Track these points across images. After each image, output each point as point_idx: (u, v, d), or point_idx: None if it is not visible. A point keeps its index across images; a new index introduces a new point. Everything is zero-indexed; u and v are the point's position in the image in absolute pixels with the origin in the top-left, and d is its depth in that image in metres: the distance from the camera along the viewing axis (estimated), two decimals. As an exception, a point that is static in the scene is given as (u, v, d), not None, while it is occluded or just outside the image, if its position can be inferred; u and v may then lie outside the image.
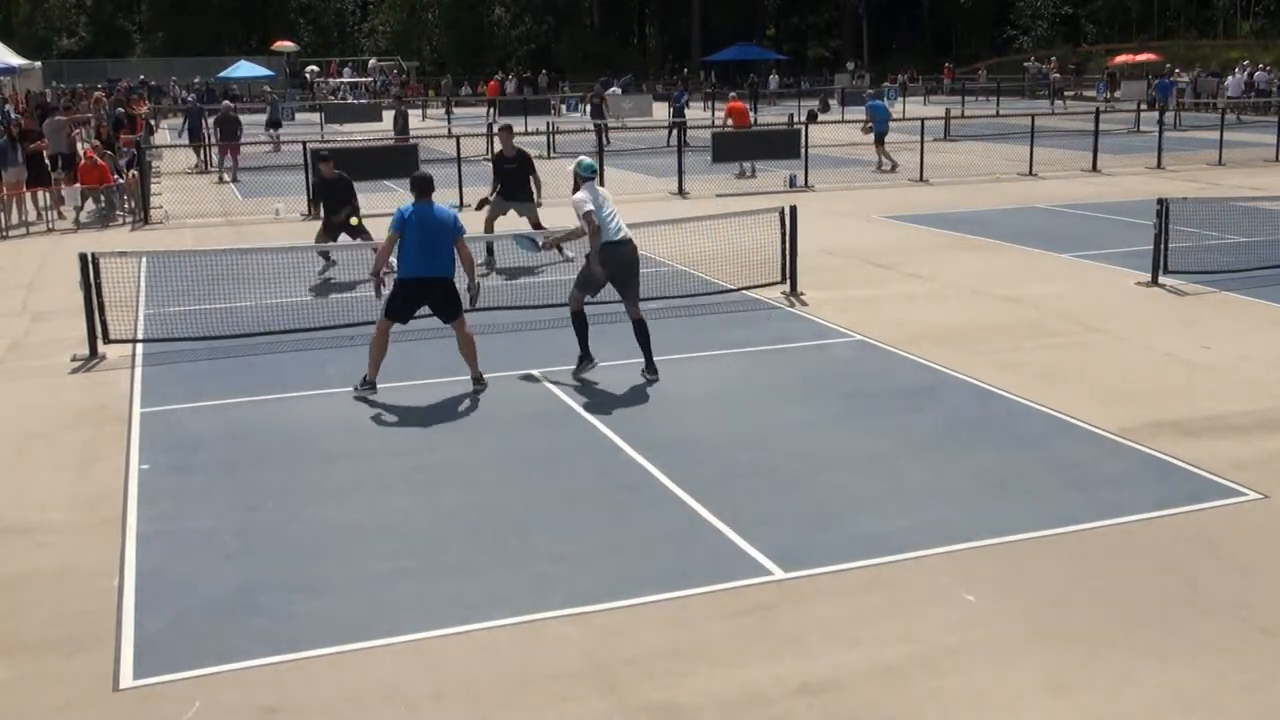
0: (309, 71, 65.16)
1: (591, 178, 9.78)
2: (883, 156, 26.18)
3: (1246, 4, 63.56)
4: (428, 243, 9.39)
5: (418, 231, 9.40)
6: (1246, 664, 5.38)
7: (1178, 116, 36.53)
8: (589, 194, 9.62)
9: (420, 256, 9.41)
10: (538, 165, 15.65)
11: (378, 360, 9.57)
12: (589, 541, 6.79)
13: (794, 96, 51.58)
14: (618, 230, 9.73)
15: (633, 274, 9.90)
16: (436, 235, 9.42)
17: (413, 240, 9.41)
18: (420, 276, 9.44)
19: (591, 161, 10.01)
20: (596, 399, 9.45)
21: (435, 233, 9.42)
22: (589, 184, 9.71)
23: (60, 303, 13.14)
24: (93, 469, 8.13)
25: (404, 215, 9.46)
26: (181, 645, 5.64)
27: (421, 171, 9.94)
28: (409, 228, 9.41)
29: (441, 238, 9.43)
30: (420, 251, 9.40)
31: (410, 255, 9.44)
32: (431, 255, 9.41)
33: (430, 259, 9.42)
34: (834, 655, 5.50)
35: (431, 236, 9.40)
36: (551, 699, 5.18)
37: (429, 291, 9.53)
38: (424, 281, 9.45)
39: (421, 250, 9.39)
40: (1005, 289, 13.41)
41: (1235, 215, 17.17)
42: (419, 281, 9.46)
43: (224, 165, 27.19)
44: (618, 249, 9.71)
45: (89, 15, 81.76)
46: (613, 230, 9.69)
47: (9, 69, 37.68)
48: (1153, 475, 7.67)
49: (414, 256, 9.42)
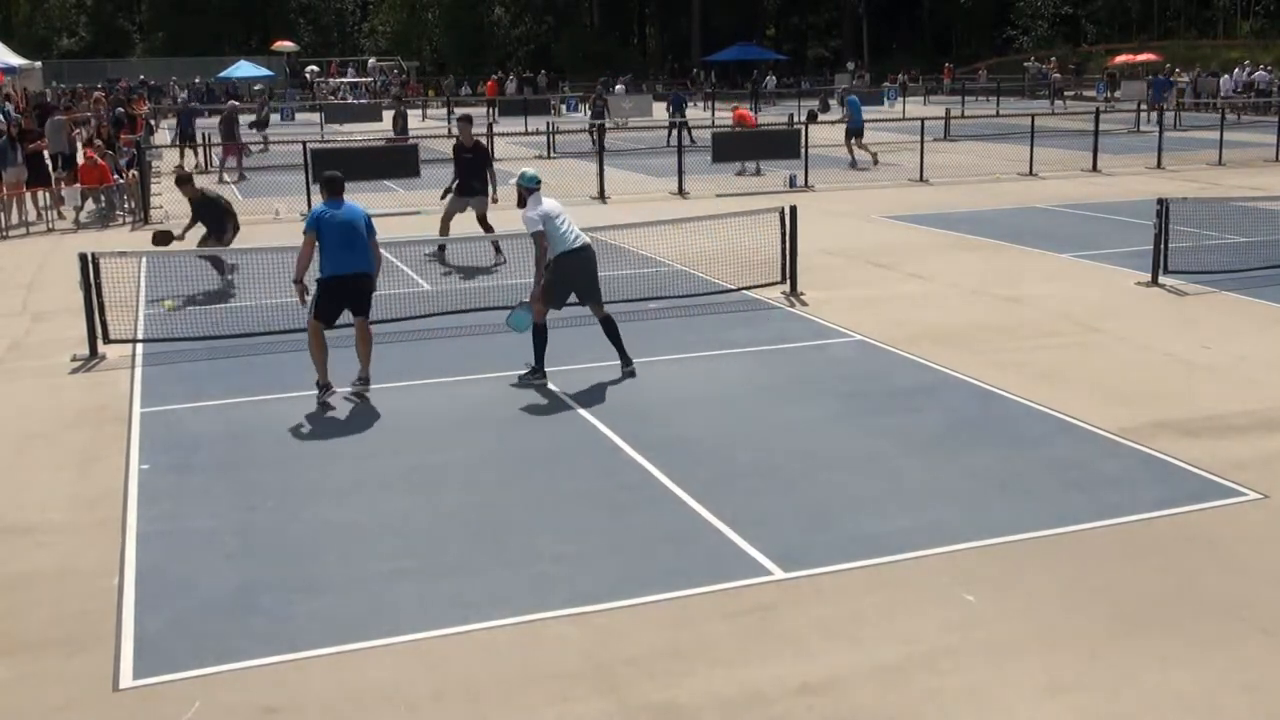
0: (309, 71, 65.19)
1: (536, 189, 9.72)
2: (859, 152, 26.39)
3: (1246, 4, 63.55)
4: (345, 241, 9.40)
5: (334, 231, 9.41)
6: (1246, 664, 5.38)
7: (1178, 116, 36.52)
8: (535, 210, 9.58)
9: (340, 255, 9.41)
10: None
11: (322, 361, 9.48)
12: (589, 541, 6.79)
13: (794, 96, 51.57)
14: (575, 238, 9.67)
15: (593, 278, 9.86)
16: (352, 233, 9.43)
17: (330, 239, 9.40)
18: (342, 274, 9.42)
19: (534, 173, 9.94)
20: (596, 399, 9.45)
21: (351, 231, 9.43)
22: (534, 196, 9.66)
23: (60, 303, 13.14)
24: (93, 469, 8.13)
25: (318, 215, 9.47)
26: (181, 645, 5.65)
27: (331, 171, 9.97)
28: (325, 227, 9.39)
29: (357, 235, 9.45)
30: (339, 250, 9.40)
31: (329, 254, 9.43)
32: (350, 252, 9.42)
33: (349, 256, 9.43)
34: (834, 655, 5.50)
35: (348, 235, 9.41)
36: (551, 699, 5.18)
37: (351, 287, 9.51)
38: (345, 278, 9.43)
39: (340, 249, 9.40)
40: (1005, 289, 13.41)
41: (1235, 215, 17.17)
42: (341, 279, 9.43)
43: (225, 165, 27.19)
44: (577, 256, 9.66)
45: (89, 15, 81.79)
46: (570, 239, 9.63)
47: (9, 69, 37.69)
48: (1153, 475, 7.68)
49: (333, 255, 9.42)
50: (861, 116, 27.46)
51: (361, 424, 8.98)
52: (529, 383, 9.78)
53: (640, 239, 15.87)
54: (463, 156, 15.77)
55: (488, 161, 15.89)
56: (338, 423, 9.02)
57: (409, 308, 12.39)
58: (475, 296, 12.83)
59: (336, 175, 9.79)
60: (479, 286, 13.34)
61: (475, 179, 15.62)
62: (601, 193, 21.70)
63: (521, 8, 79.61)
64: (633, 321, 12.02)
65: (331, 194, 9.60)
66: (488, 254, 15.33)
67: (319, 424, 8.99)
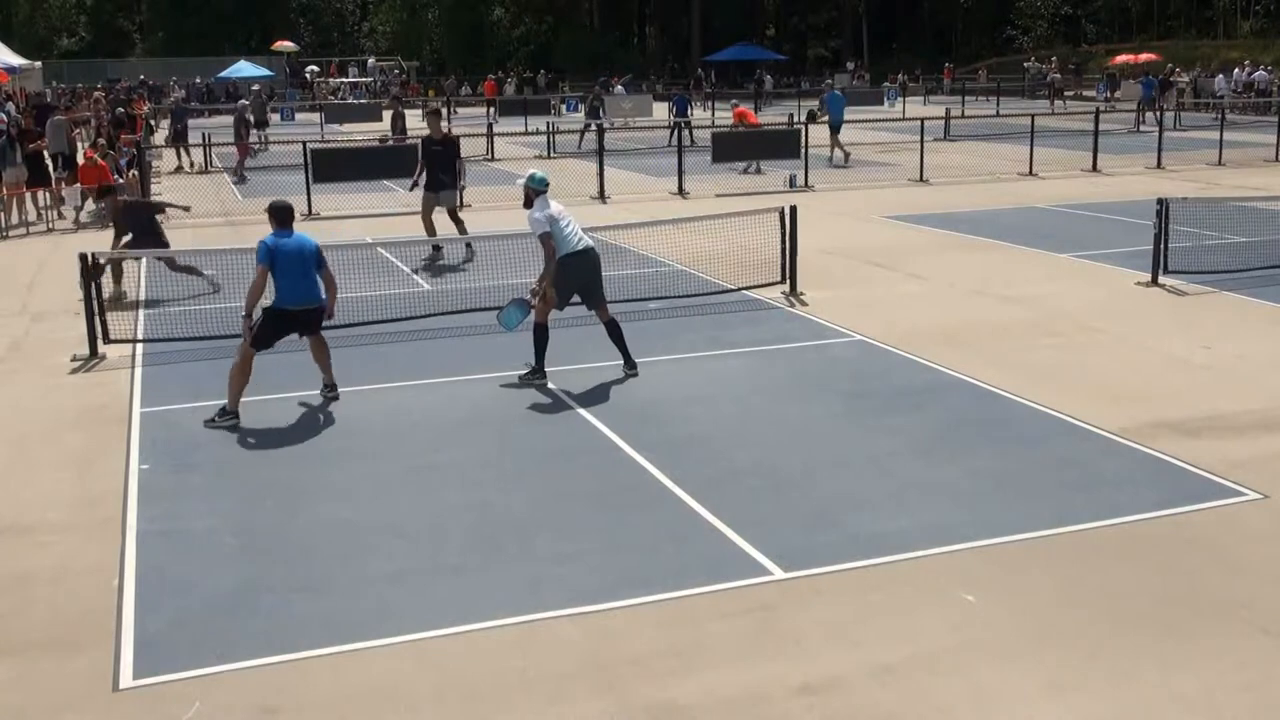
0: (309, 71, 65.18)
1: (543, 191, 9.68)
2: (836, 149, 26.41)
3: (1246, 4, 63.54)
4: (298, 272, 9.21)
5: (289, 262, 9.18)
6: (1246, 664, 5.38)
7: (1178, 116, 36.51)
8: (542, 211, 9.55)
9: (295, 286, 9.21)
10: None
11: (238, 388, 9.12)
12: (589, 541, 6.79)
13: (794, 97, 51.56)
14: (579, 240, 9.65)
15: (597, 281, 9.84)
16: (305, 264, 9.25)
17: (284, 270, 9.18)
18: (294, 307, 9.24)
19: (543, 175, 9.86)
20: (596, 399, 9.45)
21: (303, 262, 9.24)
22: (541, 198, 9.61)
23: (60, 303, 13.14)
24: (93, 469, 8.13)
25: (269, 246, 9.19)
26: (181, 645, 5.65)
27: (280, 199, 9.67)
28: (278, 258, 9.16)
29: (309, 266, 9.27)
30: (295, 281, 9.21)
31: (285, 286, 9.20)
32: (303, 284, 9.25)
33: (304, 288, 9.25)
34: (834, 655, 5.50)
35: (301, 266, 9.23)
36: (551, 699, 5.18)
37: (301, 319, 9.35)
38: (297, 311, 9.26)
39: (296, 279, 9.21)
40: (1005, 289, 13.41)
41: (1235, 215, 17.18)
42: (292, 312, 9.25)
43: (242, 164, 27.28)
44: (581, 258, 9.64)
45: (89, 15, 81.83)
46: (574, 241, 9.61)
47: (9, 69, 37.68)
48: (1153, 475, 7.68)
49: (289, 287, 9.20)
50: (841, 112, 27.52)
51: (361, 424, 8.98)
52: (529, 383, 9.78)
53: (640, 239, 15.87)
54: (432, 149, 15.76)
55: (457, 154, 15.86)
56: (337, 423, 9.02)
57: (409, 308, 12.40)
58: (475, 296, 12.83)
59: (286, 204, 9.53)
60: (479, 286, 13.34)
61: (444, 173, 15.62)
62: (601, 193, 21.70)
63: (521, 8, 79.61)
64: (633, 321, 12.02)
65: (281, 224, 9.33)
66: (489, 254, 15.29)
67: (319, 424, 8.99)
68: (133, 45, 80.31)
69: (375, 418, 9.12)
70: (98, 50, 76.00)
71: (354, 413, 9.25)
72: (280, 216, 9.39)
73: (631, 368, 9.97)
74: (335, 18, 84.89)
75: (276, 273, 9.18)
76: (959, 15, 76.17)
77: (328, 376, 9.67)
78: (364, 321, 11.87)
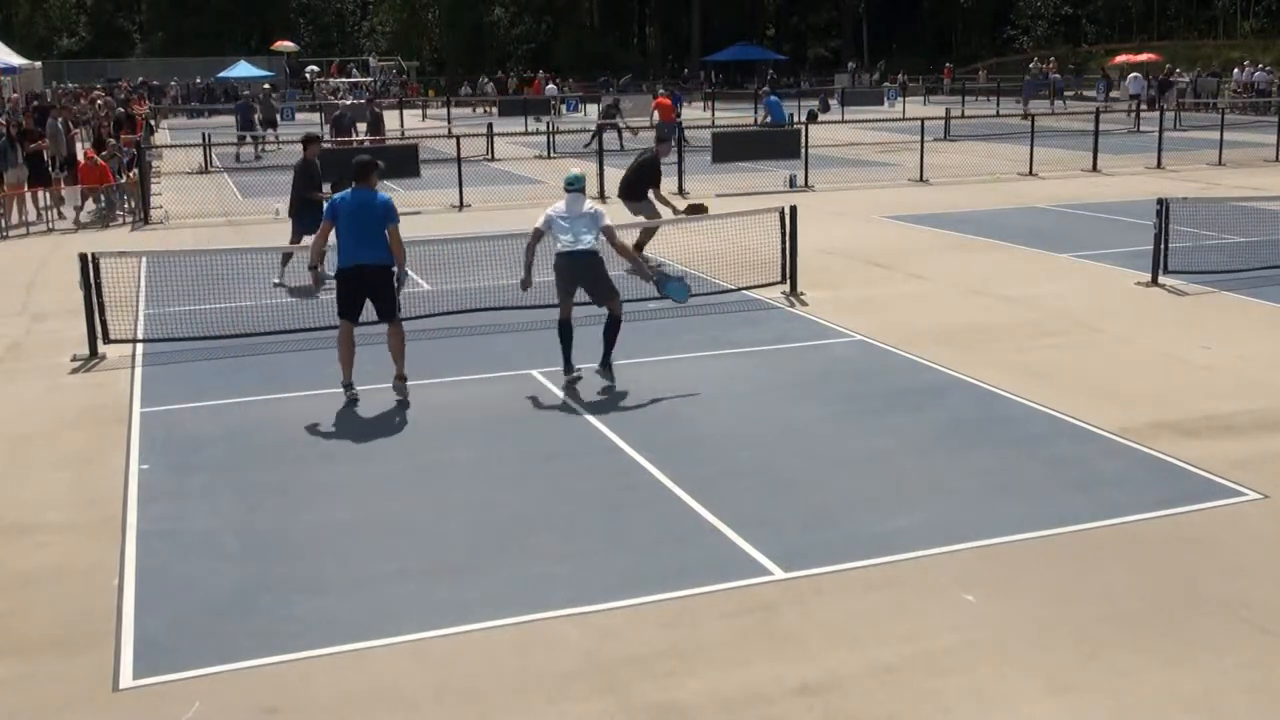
0: (309, 72, 65.15)
1: (568, 189, 9.75)
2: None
3: (1246, 4, 63.53)
4: (358, 230, 9.17)
5: (348, 219, 9.19)
6: (1246, 664, 5.38)
7: (1178, 116, 36.52)
8: (551, 210, 9.75)
9: (352, 244, 9.21)
10: (538, 165, 15.69)
11: (345, 361, 9.38)
12: (589, 541, 6.79)
13: (794, 96, 51.57)
14: (571, 243, 9.63)
15: (587, 282, 9.81)
16: (367, 222, 9.18)
17: (344, 228, 9.20)
18: (347, 266, 9.24)
19: (575, 174, 9.90)
20: (596, 399, 9.45)
21: (366, 219, 9.18)
22: (568, 196, 9.71)
23: (60, 303, 13.14)
24: (93, 469, 8.13)
25: (335, 203, 9.27)
26: (181, 645, 5.65)
27: (364, 155, 9.67)
28: (340, 215, 9.19)
29: (372, 224, 9.18)
30: (352, 239, 9.20)
31: (342, 244, 9.25)
32: (358, 243, 9.19)
33: (361, 246, 9.19)
34: (834, 655, 5.50)
35: (362, 223, 9.18)
36: (551, 699, 5.18)
37: (365, 279, 9.27)
38: (357, 269, 9.21)
39: (348, 237, 9.20)
40: (1005, 289, 13.41)
41: (1235, 215, 17.17)
42: (353, 270, 9.22)
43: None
44: (565, 260, 9.67)
45: (89, 15, 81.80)
46: (564, 242, 9.64)
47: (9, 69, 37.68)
48: (1153, 475, 7.67)
49: (346, 245, 9.24)
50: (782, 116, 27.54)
51: (361, 424, 8.98)
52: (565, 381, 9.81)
53: (640, 239, 15.85)
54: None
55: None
56: (338, 423, 9.02)
57: (409, 308, 12.35)
58: (475, 297, 12.83)
59: (365, 159, 9.49)
60: (479, 287, 13.33)
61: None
62: (601, 193, 21.68)
63: (521, 8, 79.60)
64: (633, 321, 12.02)
65: (357, 180, 9.31)
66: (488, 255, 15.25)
67: (319, 424, 8.99)
68: (133, 45, 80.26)
69: (375, 417, 9.12)
70: (98, 50, 75.95)
71: (354, 413, 9.25)
72: (357, 171, 9.39)
73: (605, 368, 9.83)
74: (335, 18, 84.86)
75: (338, 230, 9.21)
76: (959, 15, 76.16)
77: (398, 368, 9.60)
78: (364, 321, 11.83)
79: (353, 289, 9.33)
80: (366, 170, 9.37)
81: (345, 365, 9.42)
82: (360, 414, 9.20)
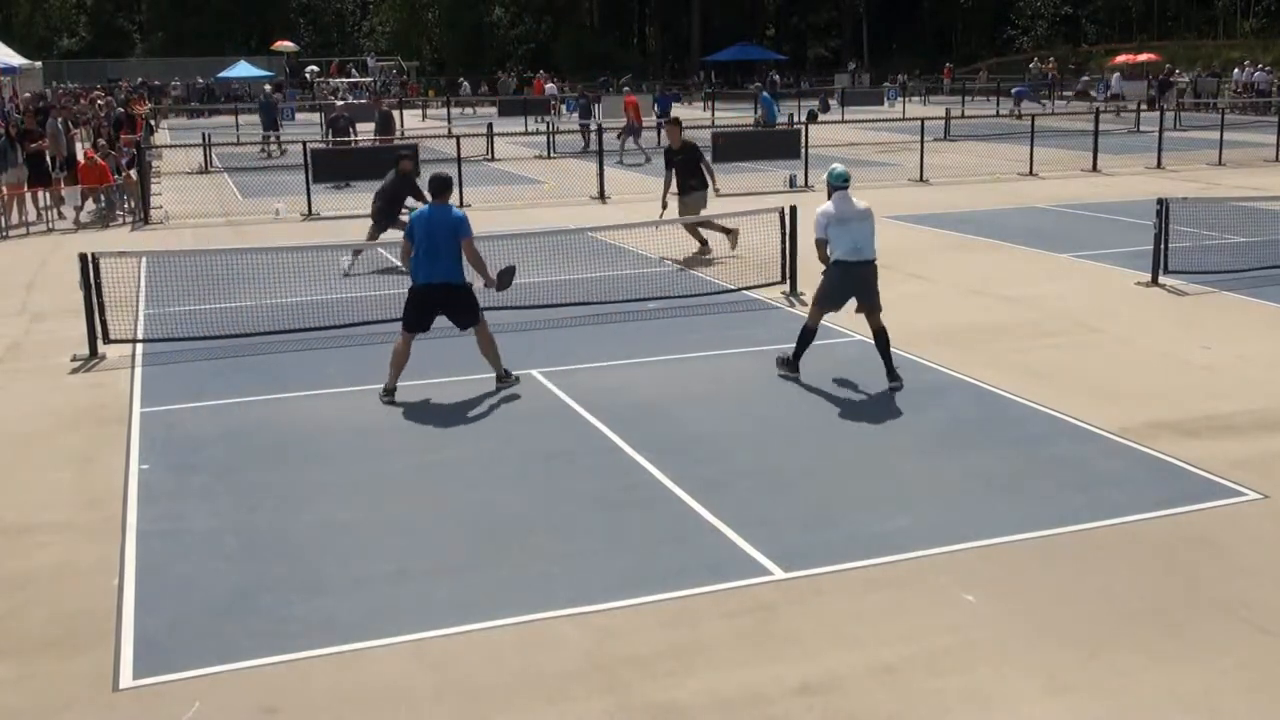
0: (309, 72, 65.13)
1: (838, 186, 9.40)
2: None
3: (1246, 4, 63.52)
4: (431, 247, 9.21)
5: (424, 236, 9.24)
6: (1246, 664, 5.38)
7: (1178, 116, 36.51)
8: (820, 209, 9.39)
9: (421, 262, 9.26)
10: (538, 165, 15.70)
11: (395, 367, 9.44)
12: (589, 541, 6.79)
13: (794, 96, 51.57)
14: (848, 250, 9.31)
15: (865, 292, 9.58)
16: (437, 239, 9.21)
17: (419, 245, 9.25)
18: (425, 284, 9.30)
19: (840, 170, 9.56)
20: (596, 399, 9.45)
21: (436, 237, 9.21)
22: (836, 195, 9.36)
23: (60, 303, 13.13)
24: (93, 469, 8.12)
25: (413, 219, 9.35)
26: (181, 645, 5.65)
27: (439, 172, 9.70)
28: (417, 232, 9.26)
29: (442, 241, 9.20)
30: (424, 257, 9.23)
31: (417, 260, 9.29)
32: (434, 260, 9.22)
33: (433, 264, 9.23)
34: (834, 655, 5.50)
35: (434, 241, 9.21)
36: (551, 699, 5.18)
37: (434, 299, 9.34)
38: (428, 289, 9.30)
39: (426, 254, 9.22)
40: (1005, 289, 13.41)
41: (1235, 215, 17.17)
42: (425, 289, 9.31)
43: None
44: (848, 270, 9.36)
45: (89, 15, 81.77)
46: (844, 249, 9.30)
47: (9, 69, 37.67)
48: (1153, 475, 7.67)
49: (419, 262, 9.27)
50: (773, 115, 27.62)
51: (362, 424, 8.97)
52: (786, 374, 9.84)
53: (640, 239, 15.88)
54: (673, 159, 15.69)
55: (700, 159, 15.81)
56: (338, 423, 9.01)
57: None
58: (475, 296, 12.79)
59: (440, 176, 9.49)
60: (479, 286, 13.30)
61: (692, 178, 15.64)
62: (601, 193, 21.69)
63: (521, 8, 79.59)
64: (633, 321, 12.03)
65: (434, 196, 9.36)
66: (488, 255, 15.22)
67: (319, 424, 8.99)
68: (133, 45, 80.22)
69: (375, 417, 9.11)
70: (98, 50, 75.91)
71: (354, 413, 9.24)
72: (431, 188, 9.45)
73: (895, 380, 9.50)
74: (335, 18, 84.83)
75: (414, 247, 9.25)
76: (959, 15, 76.13)
77: (495, 369, 9.66)
78: (364, 321, 11.87)
79: (422, 305, 9.40)
80: (443, 187, 9.43)
81: (394, 371, 9.45)
82: (360, 414, 9.20)
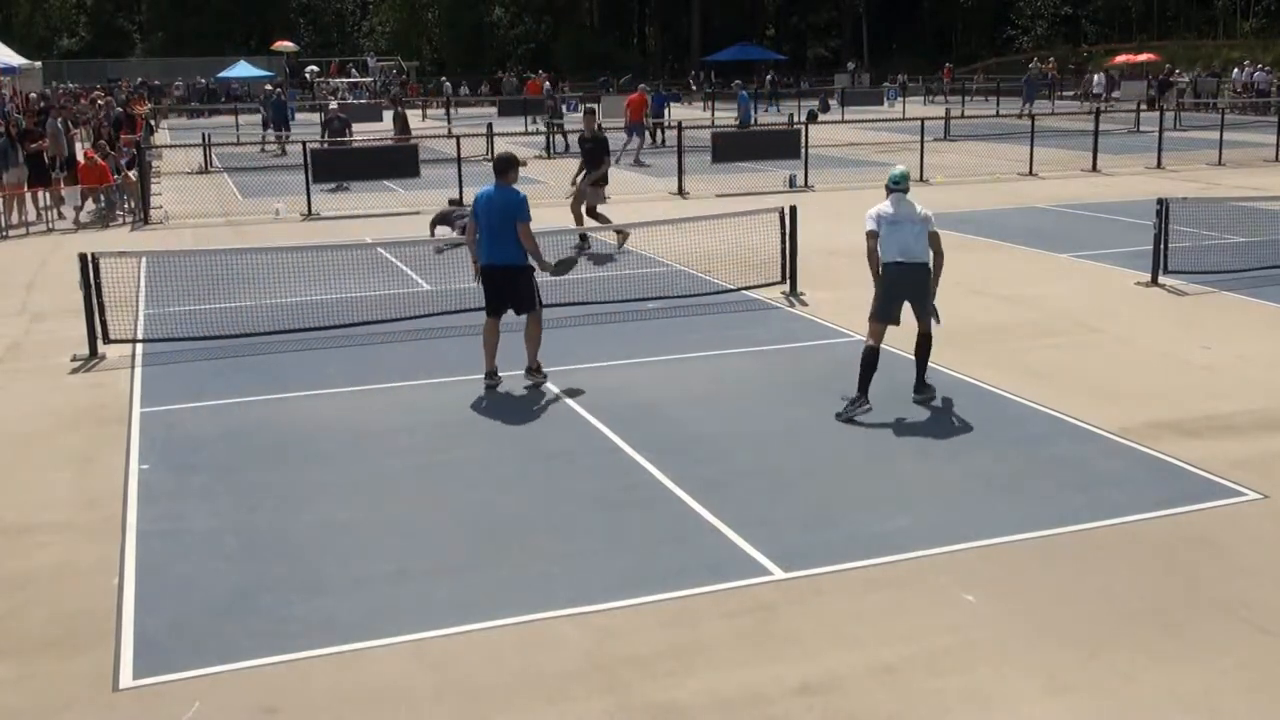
0: (309, 72, 65.14)
1: (894, 188, 8.97)
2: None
3: (1246, 4, 63.52)
4: (491, 229, 9.17)
5: (485, 217, 9.21)
6: (1246, 664, 5.38)
7: (1178, 116, 36.52)
8: (875, 211, 8.97)
9: (487, 243, 9.23)
10: (538, 165, 15.73)
11: (488, 350, 9.54)
12: (589, 541, 6.79)
13: (794, 96, 51.57)
14: (898, 251, 8.93)
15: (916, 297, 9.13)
16: (490, 221, 9.16)
17: (481, 227, 9.21)
18: (487, 264, 9.33)
19: (898, 172, 9.10)
20: (596, 399, 9.45)
21: (495, 218, 9.15)
22: (892, 196, 8.98)
23: (60, 303, 13.13)
24: (93, 469, 8.12)
25: (476, 200, 9.32)
26: (181, 645, 5.65)
27: (504, 151, 9.60)
28: (479, 213, 9.22)
29: (495, 223, 9.13)
30: (484, 238, 9.20)
31: (481, 242, 9.29)
32: (494, 242, 9.19)
33: (493, 246, 9.21)
34: (834, 655, 5.50)
35: (493, 222, 9.15)
36: (551, 699, 5.18)
37: (497, 279, 9.32)
38: (490, 269, 9.32)
39: (484, 236, 9.20)
40: (1005, 289, 13.41)
41: (1235, 215, 17.17)
42: (488, 269, 9.34)
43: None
44: (891, 271, 8.97)
45: (89, 15, 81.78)
46: (894, 251, 8.93)
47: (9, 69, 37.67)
48: (1153, 475, 7.67)
49: (484, 243, 9.26)
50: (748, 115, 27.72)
51: (362, 424, 8.97)
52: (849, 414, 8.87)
53: (640, 239, 15.88)
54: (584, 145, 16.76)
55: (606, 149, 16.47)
56: (338, 423, 9.01)
57: (409, 307, 12.39)
58: (475, 296, 12.79)
59: (503, 155, 9.39)
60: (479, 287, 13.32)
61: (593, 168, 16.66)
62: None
63: (521, 8, 79.59)
64: (633, 321, 12.04)
65: (498, 176, 9.27)
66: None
67: (319, 424, 8.99)
68: (133, 45, 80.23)
69: (376, 417, 9.11)
70: (98, 50, 75.92)
71: (354, 413, 9.25)
72: (495, 167, 9.40)
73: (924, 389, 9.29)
74: (335, 18, 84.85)
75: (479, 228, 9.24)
76: (959, 15, 76.15)
77: (530, 359, 9.65)
78: (364, 321, 11.87)
79: (490, 287, 9.43)
80: (505, 166, 9.30)
81: (487, 354, 9.54)
82: (360, 414, 9.20)
